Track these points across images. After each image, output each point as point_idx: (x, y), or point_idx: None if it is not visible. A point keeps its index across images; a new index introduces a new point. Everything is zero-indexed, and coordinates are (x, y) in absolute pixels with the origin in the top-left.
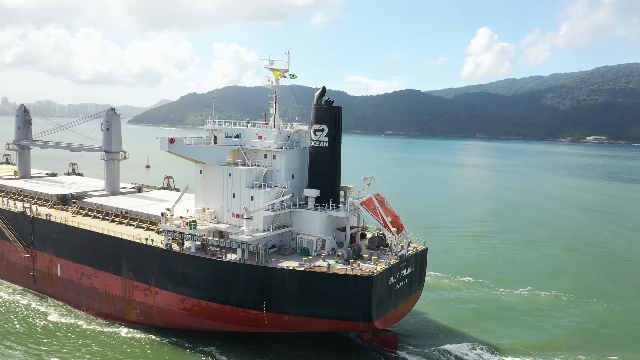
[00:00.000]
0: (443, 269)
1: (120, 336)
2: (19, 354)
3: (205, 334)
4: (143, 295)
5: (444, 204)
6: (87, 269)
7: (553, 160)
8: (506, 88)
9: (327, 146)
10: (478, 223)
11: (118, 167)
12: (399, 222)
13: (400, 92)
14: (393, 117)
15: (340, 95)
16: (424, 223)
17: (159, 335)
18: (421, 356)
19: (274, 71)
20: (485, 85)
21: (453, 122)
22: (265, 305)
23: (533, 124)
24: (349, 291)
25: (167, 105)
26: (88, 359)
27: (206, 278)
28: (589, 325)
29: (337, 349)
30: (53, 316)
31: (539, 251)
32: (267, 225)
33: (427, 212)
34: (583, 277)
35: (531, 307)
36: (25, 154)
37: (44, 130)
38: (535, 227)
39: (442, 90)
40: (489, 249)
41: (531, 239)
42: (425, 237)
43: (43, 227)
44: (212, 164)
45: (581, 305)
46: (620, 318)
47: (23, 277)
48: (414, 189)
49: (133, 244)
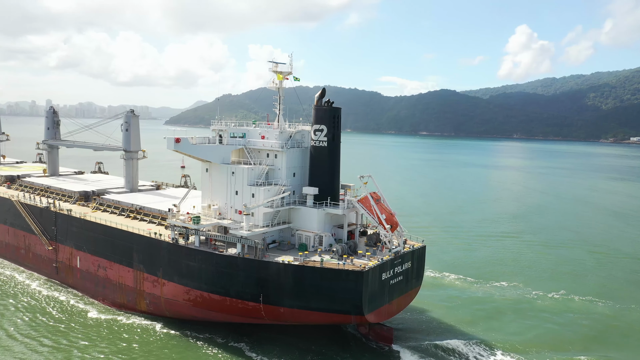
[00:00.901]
0: (452, 269)
1: (130, 325)
2: (43, 342)
3: (210, 325)
4: (152, 287)
5: (470, 206)
6: (103, 261)
7: (593, 162)
8: (545, 87)
9: (327, 146)
10: (500, 225)
11: (137, 165)
12: (393, 220)
13: (435, 92)
14: (427, 118)
15: (373, 96)
16: (445, 223)
17: (166, 325)
18: (415, 350)
19: (277, 74)
20: (523, 85)
21: (489, 123)
22: (262, 298)
23: (573, 124)
24: (341, 285)
25: (202, 106)
26: (101, 349)
27: (208, 271)
28: (587, 325)
29: (335, 341)
30: (71, 305)
31: (559, 253)
32: (267, 222)
33: (450, 214)
34: (595, 279)
35: (539, 308)
36: (54, 153)
37: (71, 131)
38: (560, 231)
39: (478, 90)
40: (503, 249)
41: (554, 242)
42: (441, 238)
43: (64, 222)
44: (217, 162)
45: (587, 307)
46: (612, 314)
47: (47, 268)
48: (440, 190)
49: (143, 238)
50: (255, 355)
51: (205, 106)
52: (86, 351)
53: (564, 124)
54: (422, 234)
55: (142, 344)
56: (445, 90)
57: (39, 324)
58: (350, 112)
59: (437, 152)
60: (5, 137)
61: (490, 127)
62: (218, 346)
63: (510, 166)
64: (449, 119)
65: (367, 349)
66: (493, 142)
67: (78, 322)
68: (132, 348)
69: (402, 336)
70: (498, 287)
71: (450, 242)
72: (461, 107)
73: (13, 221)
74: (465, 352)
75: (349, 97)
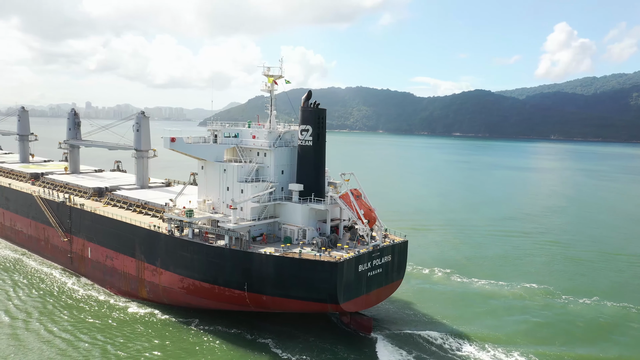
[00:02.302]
0: (450, 266)
1: (132, 312)
2: (58, 325)
3: (204, 312)
4: (151, 275)
5: (483, 207)
6: (110, 252)
7: (635, 164)
8: (585, 87)
9: (312, 145)
10: (509, 224)
11: (147, 163)
12: (372, 215)
13: (469, 92)
14: (461, 119)
15: (406, 97)
16: (452, 222)
17: (164, 311)
18: (392, 339)
19: (268, 77)
20: (561, 85)
21: (525, 124)
22: (247, 286)
23: (614, 124)
24: (317, 275)
25: (235, 107)
26: (110, 333)
27: (199, 261)
28: (565, 321)
29: (318, 329)
30: (80, 293)
31: (564, 253)
32: (254, 216)
33: (454, 212)
34: (596, 279)
35: (529, 305)
36: (75, 152)
37: (89, 131)
38: (576, 234)
39: (513, 90)
40: (507, 248)
41: (565, 242)
42: (444, 236)
43: (78, 215)
44: (211, 160)
45: (585, 306)
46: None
47: (62, 258)
48: (459, 192)
49: (144, 230)
50: (246, 339)
51: (238, 107)
52: (93, 333)
53: (605, 125)
54: (427, 233)
55: (139, 329)
56: (479, 90)
57: (51, 310)
58: (382, 113)
59: (469, 154)
60: (34, 138)
61: (526, 128)
62: (211, 332)
63: (549, 168)
64: (483, 119)
65: (348, 338)
66: (529, 143)
67: (85, 310)
68: (134, 332)
69: (382, 326)
70: (495, 285)
71: (452, 240)
72: (496, 108)
73: (34, 215)
74: (439, 342)
75: (381, 98)
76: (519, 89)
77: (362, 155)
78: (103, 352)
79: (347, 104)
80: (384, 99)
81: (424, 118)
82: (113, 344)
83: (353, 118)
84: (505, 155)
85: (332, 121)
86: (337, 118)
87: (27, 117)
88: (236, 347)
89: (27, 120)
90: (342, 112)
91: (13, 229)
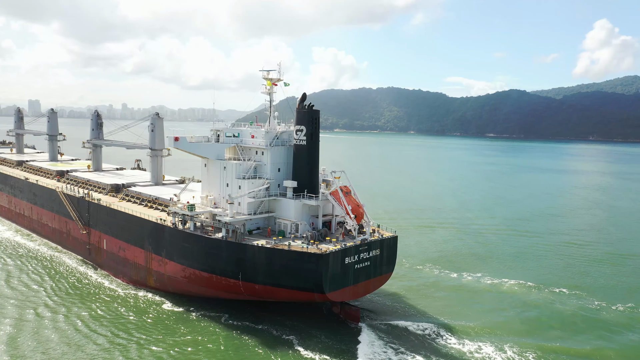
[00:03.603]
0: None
1: (142, 298)
2: (74, 310)
3: (204, 300)
4: (158, 265)
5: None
6: (123, 244)
7: None
8: (626, 86)
9: (305, 144)
10: (524, 225)
11: (161, 162)
12: (359, 211)
13: (504, 92)
14: (495, 119)
15: (438, 97)
16: (463, 221)
17: (169, 299)
18: (377, 329)
19: (267, 80)
20: (601, 84)
21: (562, 124)
22: (241, 275)
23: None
24: (304, 266)
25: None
26: (126, 318)
27: (199, 251)
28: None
29: (310, 318)
30: (96, 281)
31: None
32: (250, 210)
33: (463, 211)
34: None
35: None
36: (97, 151)
37: (111, 131)
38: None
39: (550, 90)
40: (510, 246)
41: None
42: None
43: (95, 209)
44: (212, 158)
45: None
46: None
47: (82, 250)
48: (480, 192)
49: (151, 223)
50: (234, 324)
51: None
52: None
53: None
54: (437, 230)
55: (147, 315)
56: (514, 90)
57: (67, 297)
58: (414, 114)
59: (506, 155)
60: (62, 137)
61: (563, 128)
62: (210, 319)
63: (583, 170)
64: (518, 120)
65: (336, 327)
66: (566, 144)
67: (101, 295)
68: (140, 318)
69: (370, 316)
70: (490, 282)
71: (456, 239)
72: (531, 108)
73: (58, 209)
74: (420, 333)
75: (412, 98)
76: (556, 88)
77: (390, 156)
78: (112, 344)
79: (378, 105)
80: (415, 100)
81: (456, 119)
82: (126, 335)
83: (384, 119)
84: (546, 157)
85: (362, 122)
86: (367, 119)
87: (56, 118)
88: (233, 333)
89: (55, 121)
90: (372, 113)
91: (40, 222)
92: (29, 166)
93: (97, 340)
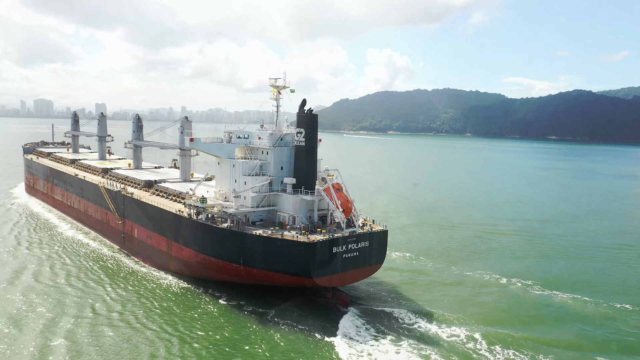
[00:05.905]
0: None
1: (165, 281)
2: (110, 290)
3: (219, 283)
4: (177, 251)
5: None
6: (150, 232)
7: None
8: None
9: (304, 145)
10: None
11: (190, 161)
12: (348, 206)
13: (567, 93)
14: (557, 121)
15: (496, 98)
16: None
17: (186, 281)
18: (364, 314)
19: (273, 88)
20: None
21: (632, 126)
22: (242, 260)
23: None
24: (295, 253)
25: (320, 111)
26: (142, 295)
27: (208, 239)
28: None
29: (303, 302)
30: (128, 266)
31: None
32: (254, 204)
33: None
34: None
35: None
36: (138, 150)
37: (149, 132)
38: None
39: (618, 90)
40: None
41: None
42: None
43: (129, 202)
44: (224, 157)
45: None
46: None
47: (118, 238)
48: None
49: (172, 214)
50: (233, 303)
51: (324, 111)
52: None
53: None
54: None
55: (169, 294)
56: (578, 90)
57: (99, 283)
58: (470, 116)
59: (570, 160)
60: (111, 139)
61: (633, 130)
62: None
63: None
64: (583, 122)
65: (328, 310)
66: (637, 147)
67: (130, 277)
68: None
69: (360, 302)
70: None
71: (464, 237)
72: (598, 109)
73: (100, 202)
74: (407, 322)
75: (469, 100)
76: (625, 88)
77: (445, 159)
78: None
79: (433, 107)
80: (472, 101)
81: (515, 121)
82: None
83: (439, 121)
84: (609, 162)
85: (417, 124)
86: (422, 121)
87: (105, 121)
88: (229, 312)
89: (105, 124)
90: (427, 115)
91: (85, 213)
92: (80, 164)
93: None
